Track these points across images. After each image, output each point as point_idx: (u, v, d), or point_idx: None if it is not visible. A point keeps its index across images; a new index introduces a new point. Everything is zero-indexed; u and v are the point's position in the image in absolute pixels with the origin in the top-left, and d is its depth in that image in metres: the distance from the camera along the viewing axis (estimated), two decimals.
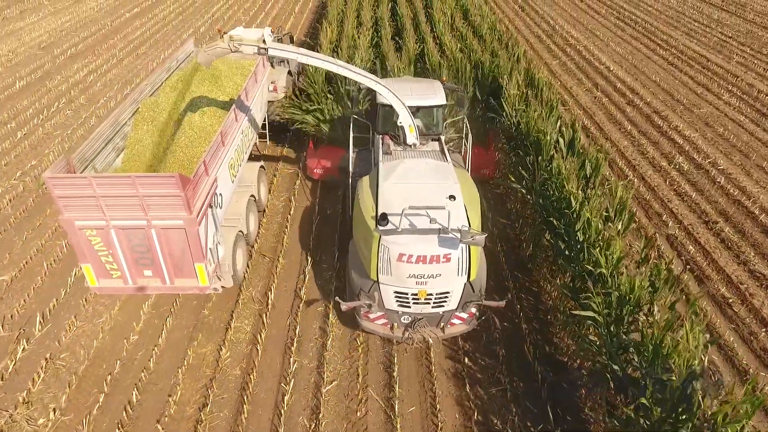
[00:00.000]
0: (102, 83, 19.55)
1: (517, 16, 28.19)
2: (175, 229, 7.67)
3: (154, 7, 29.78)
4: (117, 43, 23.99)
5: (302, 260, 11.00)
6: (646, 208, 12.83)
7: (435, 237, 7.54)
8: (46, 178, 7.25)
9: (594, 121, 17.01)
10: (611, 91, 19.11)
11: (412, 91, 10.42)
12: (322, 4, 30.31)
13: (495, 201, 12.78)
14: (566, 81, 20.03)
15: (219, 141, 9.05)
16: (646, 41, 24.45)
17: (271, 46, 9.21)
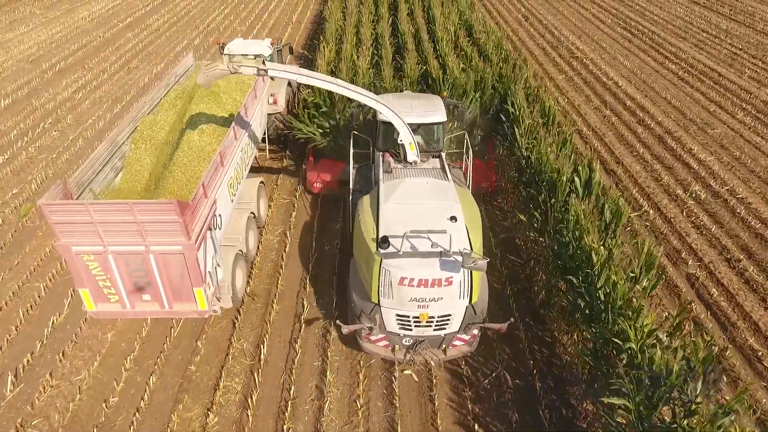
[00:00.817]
0: (91, 101, 18.79)
1: (521, 27, 27.46)
2: (174, 254, 7.57)
3: (148, 17, 29.02)
4: (108, 56, 23.23)
5: (297, 306, 10.26)
6: (664, 243, 12.10)
7: (436, 260, 7.49)
8: (41, 205, 7.12)
9: (604, 143, 16.28)
10: (621, 110, 18.38)
11: (413, 108, 10.30)
12: (320, 14, 29.57)
13: (503, 233, 12.04)
14: (574, 98, 19.30)
15: (218, 161, 8.89)
16: (654, 54, 23.73)
17: (271, 68, 9.09)
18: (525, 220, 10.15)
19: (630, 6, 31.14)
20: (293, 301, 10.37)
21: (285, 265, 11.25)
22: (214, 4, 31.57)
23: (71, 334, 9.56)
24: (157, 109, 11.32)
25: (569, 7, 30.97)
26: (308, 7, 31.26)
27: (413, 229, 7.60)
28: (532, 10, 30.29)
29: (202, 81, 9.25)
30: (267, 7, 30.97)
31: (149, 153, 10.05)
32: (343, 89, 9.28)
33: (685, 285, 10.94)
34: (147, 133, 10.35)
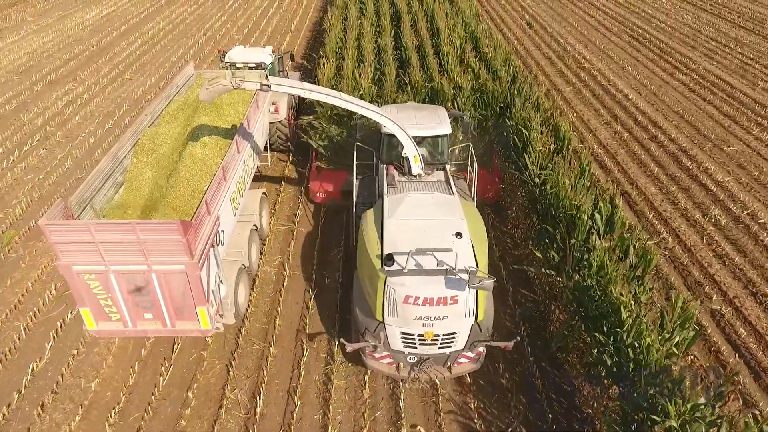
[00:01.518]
0: (81, 116, 18.07)
1: (525, 35, 26.78)
2: (177, 273, 7.51)
3: (143, 24, 28.30)
4: (101, 66, 22.51)
5: (296, 350, 9.56)
6: (685, 275, 11.42)
7: (442, 278, 7.37)
8: (42, 225, 7.02)
9: (616, 162, 15.60)
10: (632, 125, 17.71)
11: (417, 120, 10.20)
12: (320, 21, 28.88)
13: (514, 264, 11.35)
14: (582, 112, 18.63)
15: (221, 176, 8.82)
16: (663, 64, 23.06)
17: (275, 83, 9.03)
18: (540, 256, 9.47)
19: (636, 13, 30.49)
20: (292, 343, 9.67)
21: (282, 303, 10.55)
22: (211, 11, 30.87)
23: (52, 383, 8.86)
24: (158, 121, 11.13)
25: (574, 14, 30.31)
26: (307, 14, 30.57)
27: (418, 247, 7.50)
28: (536, 16, 29.62)
29: (205, 97, 9.09)
30: (265, 14, 30.28)
31: (151, 166, 9.88)
32: (347, 103, 9.17)
33: (710, 323, 10.26)
34: (148, 147, 10.21)
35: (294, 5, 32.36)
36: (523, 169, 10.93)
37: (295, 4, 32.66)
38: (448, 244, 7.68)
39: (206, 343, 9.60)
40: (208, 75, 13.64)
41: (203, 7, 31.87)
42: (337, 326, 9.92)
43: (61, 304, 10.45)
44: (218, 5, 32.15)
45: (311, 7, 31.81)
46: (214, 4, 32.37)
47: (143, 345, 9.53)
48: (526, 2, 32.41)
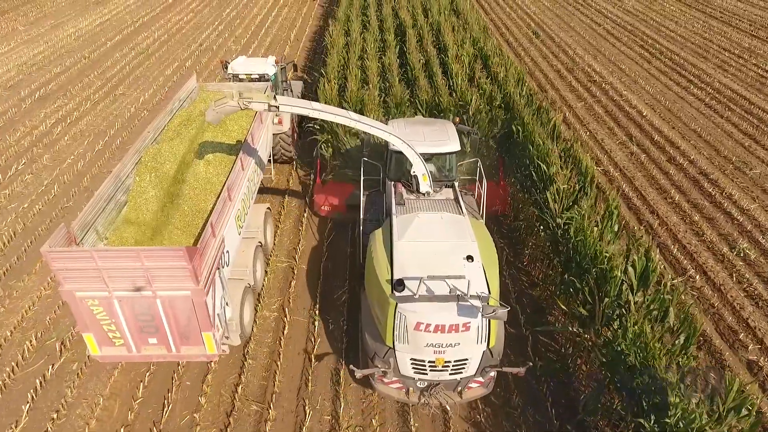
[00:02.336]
0: (71, 136, 17.23)
1: (532, 45, 25.97)
2: (182, 299, 7.42)
3: (137, 34, 27.45)
4: (93, 80, 21.65)
5: (298, 411, 8.72)
6: (716, 319, 10.61)
7: (454, 305, 7.22)
8: (44, 252, 6.94)
9: (634, 187, 14.78)
10: (648, 145, 16.91)
11: (425, 137, 10.03)
12: (321, 29, 28.05)
13: (531, 301, 10.54)
14: (595, 130, 17.82)
15: (226, 196, 8.71)
16: (676, 77, 22.26)
17: (283, 103, 8.85)
18: (564, 307, 8.65)
19: (644, 21, 29.69)
20: (293, 405, 8.83)
21: (280, 364, 9.73)
22: (208, 20, 30.03)
23: None
24: (161, 137, 10.96)
25: (581, 22, 29.51)
26: (307, 22, 29.73)
27: (429, 273, 7.42)
28: (543, 25, 28.81)
29: (212, 118, 8.91)
30: (264, 23, 29.44)
31: (154, 185, 9.70)
32: (356, 123, 9.04)
33: (748, 377, 9.45)
34: (151, 164, 9.99)
35: (293, 13, 31.54)
36: (543, 205, 10.10)
37: (294, 12, 31.83)
38: (459, 269, 7.56)
39: (198, 403, 8.77)
40: (211, 87, 13.37)
41: (200, 15, 31.03)
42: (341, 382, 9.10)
43: (42, 356, 9.62)
44: (215, 13, 31.32)
45: (311, 16, 30.98)
46: (211, 12, 31.54)
47: (130, 407, 8.69)
48: (531, 10, 31.62)
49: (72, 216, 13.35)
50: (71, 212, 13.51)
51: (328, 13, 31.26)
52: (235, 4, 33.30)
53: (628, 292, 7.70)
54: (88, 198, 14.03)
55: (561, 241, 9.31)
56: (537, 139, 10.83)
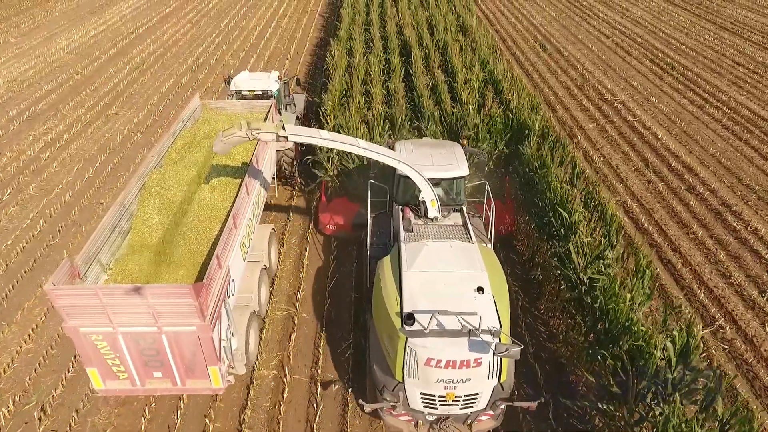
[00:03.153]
0: (59, 162, 16.42)
1: (540, 59, 25.18)
2: (188, 334, 7.34)
3: (133, 47, 26.64)
4: (85, 98, 20.84)
5: None
6: (751, 377, 9.81)
7: (465, 340, 7.09)
8: (47, 290, 6.92)
9: (653, 221, 13.98)
10: (665, 172, 16.11)
11: (433, 161, 9.94)
12: (321, 42, 27.26)
13: (550, 356, 9.74)
14: (610, 155, 17.03)
15: (231, 225, 8.56)
16: (690, 95, 21.47)
17: (291, 133, 8.74)
18: (592, 380, 7.86)
19: (654, 33, 28.91)
20: None
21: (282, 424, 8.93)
22: (205, 31, 29.23)
23: None
24: (164, 160, 10.82)
25: (589, 34, 28.72)
26: (307, 34, 28.93)
27: (439, 305, 7.35)
28: (550, 38, 28.02)
29: (219, 149, 8.84)
30: (263, 35, 28.64)
31: (158, 211, 9.57)
32: (365, 150, 8.95)
33: None
34: (155, 190, 9.85)
35: (293, 24, 30.74)
36: (564, 256, 9.31)
37: (294, 23, 31.04)
38: (470, 301, 7.50)
39: None
40: (214, 105, 13.27)
41: (197, 26, 30.23)
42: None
43: (20, 423, 8.81)
44: (213, 24, 30.53)
45: (311, 27, 30.17)
46: (208, 23, 30.75)
47: None
48: (538, 21, 30.85)
49: (58, 255, 12.59)
50: (57, 251, 12.71)
51: (328, 24, 30.49)
52: (233, 14, 32.52)
53: (665, 369, 6.91)
54: (75, 233, 13.31)
55: (586, 300, 8.51)
56: (554, 182, 10.02)
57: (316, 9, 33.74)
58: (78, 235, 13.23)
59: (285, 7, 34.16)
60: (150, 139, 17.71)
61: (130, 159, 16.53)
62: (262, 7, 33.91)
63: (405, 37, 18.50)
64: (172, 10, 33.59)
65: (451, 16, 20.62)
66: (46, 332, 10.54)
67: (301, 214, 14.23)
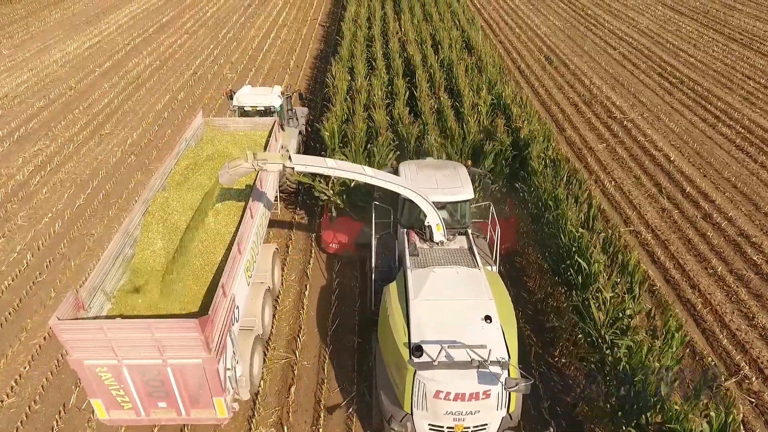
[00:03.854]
0: (49, 187, 15.78)
1: (546, 73, 24.57)
2: (193, 366, 7.34)
3: (128, 60, 26.00)
4: (78, 116, 20.20)
5: None
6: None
7: (474, 372, 7.09)
8: (52, 325, 6.90)
9: (670, 254, 13.36)
10: (680, 198, 15.49)
11: (438, 183, 9.93)
12: (322, 55, 26.64)
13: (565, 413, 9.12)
14: (621, 180, 16.41)
15: (236, 251, 8.51)
16: (701, 111, 20.85)
17: (297, 163, 8.70)
18: None
19: (661, 44, 28.28)
20: None
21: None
22: (203, 42, 28.59)
23: None
24: (167, 181, 10.72)
25: (595, 46, 28.09)
26: (307, 45, 28.29)
27: (447, 335, 7.36)
28: (555, 49, 27.40)
29: (225, 180, 8.85)
30: (261, 46, 28.00)
31: (162, 235, 9.47)
32: (371, 178, 8.92)
33: None
34: (159, 214, 9.74)
35: (292, 35, 30.11)
36: (583, 308, 8.68)
37: (293, 33, 30.41)
38: (477, 331, 7.50)
39: None
40: (217, 123, 13.15)
41: (194, 37, 29.58)
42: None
43: None
44: (211, 34, 29.88)
45: (311, 38, 29.53)
46: (206, 34, 30.11)
47: None
48: (542, 31, 30.23)
49: (45, 293, 11.98)
50: (44, 288, 12.09)
51: (329, 34, 29.88)
52: (232, 23, 31.88)
53: None
54: (64, 268, 12.69)
55: (607, 359, 7.89)
56: (570, 227, 9.39)
57: (316, 18, 33.12)
58: (67, 270, 12.60)
59: (285, 17, 33.53)
60: (144, 161, 17.09)
61: (123, 184, 15.90)
62: (261, 16, 33.27)
63: (408, 55, 17.87)
64: (170, 19, 32.95)
65: (455, 31, 19.96)
66: (30, 383, 9.92)
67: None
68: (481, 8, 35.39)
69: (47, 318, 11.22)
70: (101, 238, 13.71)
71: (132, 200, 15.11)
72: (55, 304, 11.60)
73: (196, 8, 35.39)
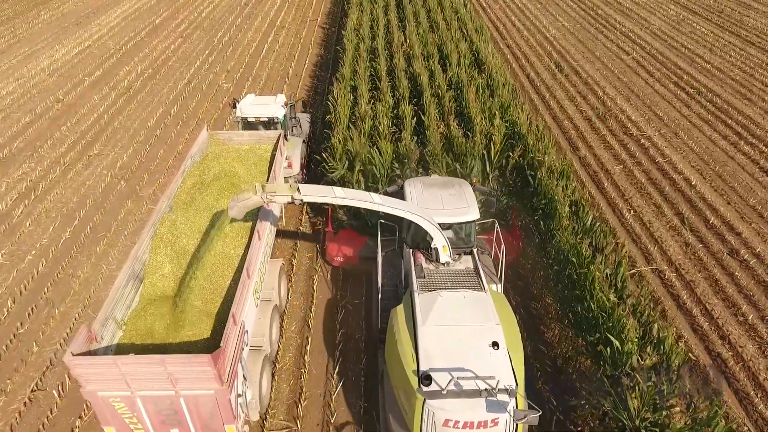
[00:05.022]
0: (33, 219, 14.85)
1: (556, 81, 23.49)
2: (206, 397, 7.50)
3: (119, 67, 24.87)
4: (66, 134, 19.18)
5: None
6: None
7: (482, 401, 7.23)
8: (66, 361, 7.10)
9: (695, 297, 12.49)
10: (704, 231, 14.56)
11: (444, 204, 10.08)
12: (322, 62, 25.50)
13: None
14: (640, 208, 15.47)
15: (245, 277, 8.62)
16: (721, 127, 19.84)
17: (306, 194, 8.92)
18: None
19: (675, 48, 27.12)
20: None
21: None
22: (197, 47, 27.41)
23: None
24: (173, 201, 10.78)
25: (607, 51, 26.91)
26: (306, 50, 27.12)
27: (455, 362, 7.50)
28: (565, 54, 26.26)
29: (235, 213, 9.02)
30: (259, 51, 26.84)
31: (170, 259, 9.63)
32: (379, 205, 9.07)
33: None
34: (167, 237, 9.88)
35: (291, 38, 28.91)
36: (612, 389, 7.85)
37: (292, 36, 29.20)
38: (485, 358, 7.63)
39: None
40: (221, 136, 13.10)
41: (189, 41, 28.38)
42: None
43: None
44: (206, 38, 28.69)
45: (311, 42, 28.32)
46: (200, 37, 28.90)
47: None
48: (551, 33, 29.06)
49: (27, 347, 11.13)
50: (26, 341, 11.24)
51: (329, 38, 28.69)
52: (228, 25, 30.64)
53: None
54: (48, 316, 11.85)
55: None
56: (601, 295, 8.50)
57: (316, 19, 31.86)
58: (51, 319, 11.74)
59: (283, 17, 32.26)
60: (135, 187, 16.14)
61: (112, 214, 14.97)
62: (259, 17, 32.01)
63: (415, 73, 16.80)
64: (163, 20, 31.69)
65: (463, 43, 18.82)
66: None
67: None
68: (486, 7, 34.11)
69: (28, 379, 10.45)
70: (88, 279, 12.84)
71: (121, 234, 14.22)
72: (36, 361, 10.77)
73: (190, 8, 34.08)
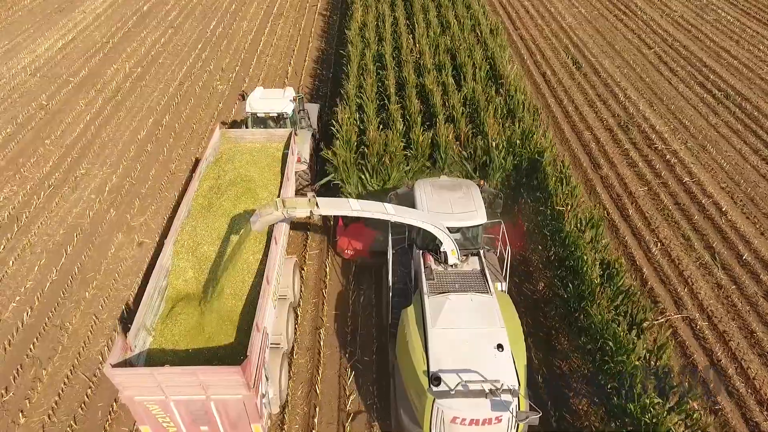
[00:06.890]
0: (17, 257, 13.79)
1: (574, 81, 21.99)
2: (234, 401, 8.08)
3: (107, 65, 23.24)
4: (51, 150, 17.87)
5: None
6: None
7: (487, 400, 7.80)
8: (107, 372, 7.65)
9: (730, 352, 11.62)
10: (737, 271, 13.54)
11: (453, 208, 10.55)
12: (324, 57, 23.86)
13: None
14: (668, 241, 14.42)
15: (266, 284, 9.15)
16: (752, 139, 18.54)
17: (323, 206, 9.39)
18: None
19: (699, 40, 25.40)
20: None
21: None
22: (190, 40, 25.64)
23: None
24: (191, 205, 11.38)
25: (628, 44, 25.18)
26: (306, 43, 25.37)
27: (463, 364, 8.11)
28: (583, 48, 24.60)
29: (258, 228, 9.64)
30: (256, 44, 25.12)
31: (192, 265, 10.30)
32: (394, 216, 9.48)
33: None
34: (188, 244, 10.57)
35: (289, 28, 27.05)
36: None
37: (290, 26, 27.32)
38: (491, 360, 8.24)
39: None
40: (232, 133, 13.74)
41: (180, 32, 26.53)
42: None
43: None
44: (199, 28, 26.85)
45: (311, 33, 26.49)
46: (192, 27, 27.05)
47: None
48: (567, 22, 27.25)
49: (12, 417, 10.31)
50: (12, 411, 10.41)
51: (331, 27, 26.88)
52: (222, 13, 28.67)
53: None
54: (35, 378, 11.01)
55: None
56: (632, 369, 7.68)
57: (316, 5, 29.84)
58: (38, 383, 10.90)
59: (280, 3, 30.21)
60: (125, 217, 15.03)
61: (101, 251, 13.92)
62: (254, 3, 29.96)
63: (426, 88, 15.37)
64: (152, 5, 29.65)
65: (478, 49, 17.28)
66: None
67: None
68: None
69: None
70: (77, 331, 11.93)
71: (112, 277, 13.21)
72: None
73: None
